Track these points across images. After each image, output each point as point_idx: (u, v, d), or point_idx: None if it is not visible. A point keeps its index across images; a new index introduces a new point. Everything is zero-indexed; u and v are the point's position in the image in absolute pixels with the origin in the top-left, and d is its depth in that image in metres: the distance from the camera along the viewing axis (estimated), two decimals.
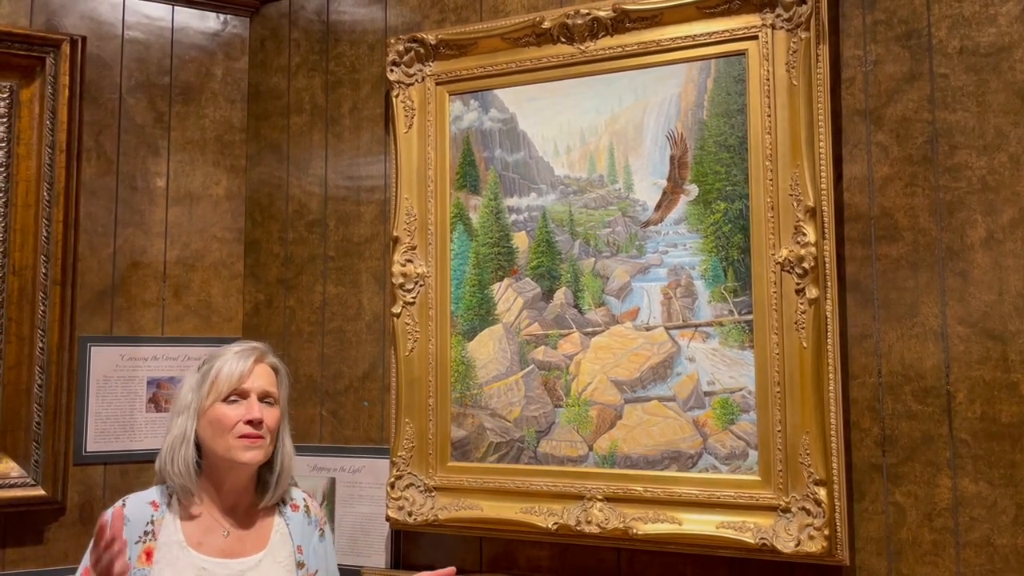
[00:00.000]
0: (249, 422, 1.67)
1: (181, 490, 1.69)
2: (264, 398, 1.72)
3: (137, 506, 1.68)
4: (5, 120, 2.36)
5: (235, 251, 2.63)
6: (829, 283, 1.88)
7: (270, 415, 1.71)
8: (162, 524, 1.67)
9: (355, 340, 2.45)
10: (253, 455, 1.68)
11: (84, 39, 2.46)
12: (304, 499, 1.84)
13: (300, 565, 1.74)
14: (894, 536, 1.84)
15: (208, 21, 2.66)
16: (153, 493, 1.72)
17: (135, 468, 2.45)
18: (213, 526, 1.70)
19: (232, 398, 1.69)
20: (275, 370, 1.78)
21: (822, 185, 1.89)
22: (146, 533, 1.65)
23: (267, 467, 1.76)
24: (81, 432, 2.40)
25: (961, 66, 1.85)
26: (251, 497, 1.76)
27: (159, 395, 2.49)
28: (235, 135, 2.66)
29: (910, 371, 1.85)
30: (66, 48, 2.39)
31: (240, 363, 1.72)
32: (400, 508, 2.23)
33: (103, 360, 2.43)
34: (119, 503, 1.69)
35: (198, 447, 1.71)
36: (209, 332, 2.56)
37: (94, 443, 2.41)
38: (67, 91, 2.39)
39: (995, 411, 1.76)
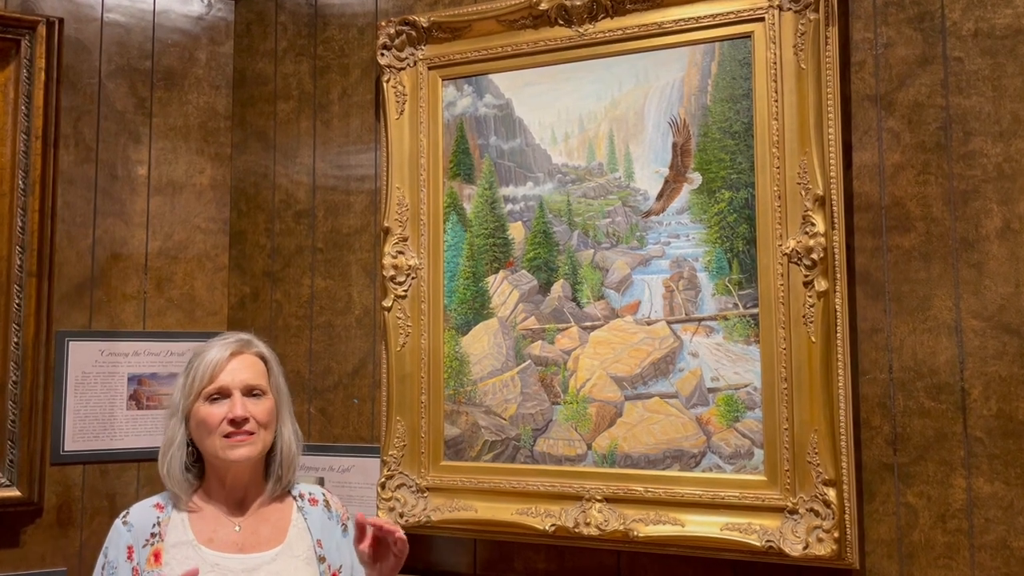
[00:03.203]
0: (232, 421, 1.62)
1: (174, 496, 1.66)
2: (249, 392, 1.66)
3: (140, 512, 1.65)
4: None
5: (220, 242, 2.54)
6: (839, 275, 1.80)
7: (258, 408, 1.65)
8: (168, 524, 1.63)
9: (344, 335, 2.37)
10: (241, 452, 1.62)
11: (61, 21, 2.37)
12: (323, 494, 1.79)
13: (321, 559, 1.69)
14: (906, 538, 1.77)
15: (191, 4, 2.56)
16: (157, 497, 1.69)
17: (115, 468, 2.37)
18: (223, 522, 1.65)
19: (215, 396, 1.64)
20: (263, 359, 1.72)
21: (831, 173, 1.82)
22: (152, 535, 1.61)
23: (269, 457, 1.72)
24: (58, 431, 2.32)
25: (976, 49, 1.78)
26: (259, 490, 1.71)
27: (140, 392, 2.40)
28: (219, 122, 2.57)
29: (923, 367, 1.78)
30: (42, 30, 2.30)
31: (216, 355, 1.66)
32: (391, 509, 2.16)
33: (81, 355, 2.35)
34: (122, 515, 1.66)
35: (196, 448, 1.67)
36: (192, 326, 2.48)
37: (72, 442, 2.33)
38: (43, 75, 2.30)
39: (1011, 408, 1.70)
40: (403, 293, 2.21)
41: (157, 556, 1.59)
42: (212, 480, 1.68)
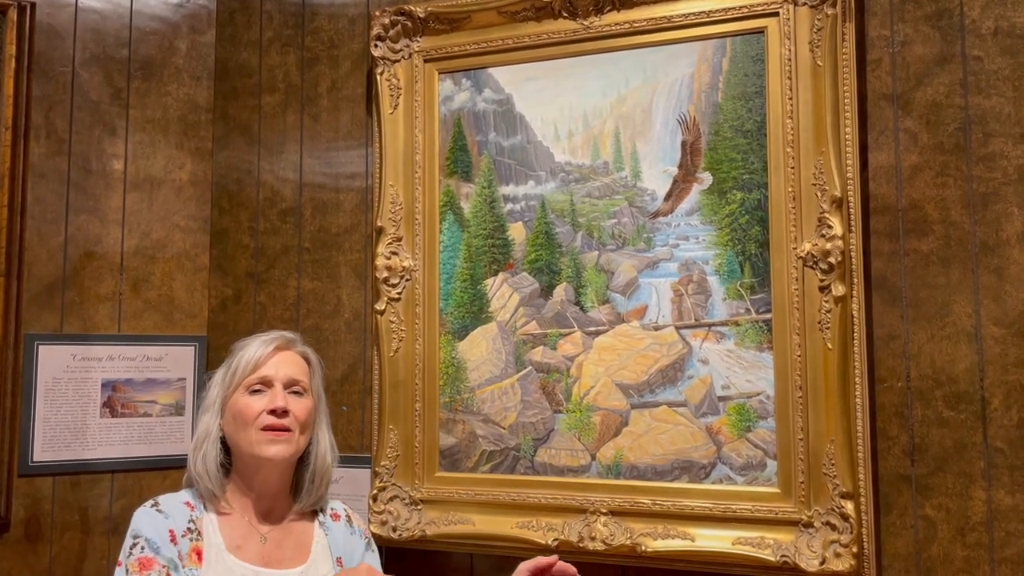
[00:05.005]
0: (272, 412, 1.56)
1: (207, 493, 1.58)
2: (291, 387, 1.61)
3: (171, 504, 1.57)
4: None
5: (200, 241, 2.42)
6: (856, 280, 1.74)
7: (298, 405, 1.60)
8: (202, 524, 1.55)
9: (333, 339, 2.26)
10: (278, 449, 1.56)
11: (33, 5, 2.23)
12: (345, 509, 1.73)
13: None
14: (924, 553, 1.71)
15: None
16: (184, 495, 1.60)
17: (88, 479, 2.24)
18: (249, 531, 1.59)
19: (256, 388, 1.59)
20: (306, 360, 1.68)
21: (848, 174, 1.76)
22: (190, 530, 1.54)
23: (301, 466, 1.65)
24: (27, 440, 2.18)
25: (996, 48, 1.73)
26: (287, 502, 1.64)
27: (115, 399, 2.27)
28: (200, 115, 2.45)
29: (941, 375, 1.72)
30: (13, 15, 2.18)
31: (260, 349, 1.62)
32: (383, 523, 2.06)
33: (52, 360, 2.22)
34: (148, 503, 1.55)
35: (227, 446, 1.61)
36: (171, 330, 2.35)
37: (42, 452, 2.19)
38: (14, 62, 2.18)
39: None
40: (397, 296, 2.12)
41: (199, 555, 1.51)
42: (239, 484, 1.60)
